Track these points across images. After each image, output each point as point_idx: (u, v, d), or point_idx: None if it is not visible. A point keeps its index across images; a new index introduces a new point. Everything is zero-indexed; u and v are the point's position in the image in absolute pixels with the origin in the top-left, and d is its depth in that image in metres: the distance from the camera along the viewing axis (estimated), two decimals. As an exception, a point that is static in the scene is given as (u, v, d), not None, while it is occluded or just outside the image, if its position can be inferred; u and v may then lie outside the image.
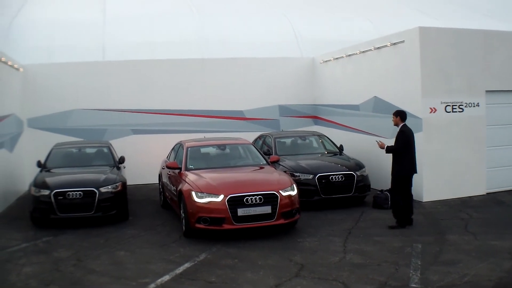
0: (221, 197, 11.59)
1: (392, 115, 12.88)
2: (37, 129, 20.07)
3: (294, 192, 12.24)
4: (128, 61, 20.93)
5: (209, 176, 12.60)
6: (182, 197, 12.32)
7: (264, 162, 14.10)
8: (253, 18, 25.68)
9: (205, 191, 11.83)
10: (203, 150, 14.87)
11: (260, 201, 11.60)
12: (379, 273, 9.21)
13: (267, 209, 11.66)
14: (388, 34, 17.15)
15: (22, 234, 12.88)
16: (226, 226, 11.58)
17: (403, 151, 12.44)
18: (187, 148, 14.26)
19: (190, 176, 12.77)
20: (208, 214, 11.59)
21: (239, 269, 9.73)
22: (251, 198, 11.57)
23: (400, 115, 12.72)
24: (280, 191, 11.91)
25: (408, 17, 25.88)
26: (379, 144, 12.89)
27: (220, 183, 12.19)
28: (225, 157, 14.72)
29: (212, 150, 15.04)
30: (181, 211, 12.49)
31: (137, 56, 21.35)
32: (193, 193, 11.89)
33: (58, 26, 23.06)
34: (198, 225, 11.73)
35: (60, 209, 13.10)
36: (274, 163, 14.44)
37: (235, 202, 11.53)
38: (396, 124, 12.77)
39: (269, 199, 11.71)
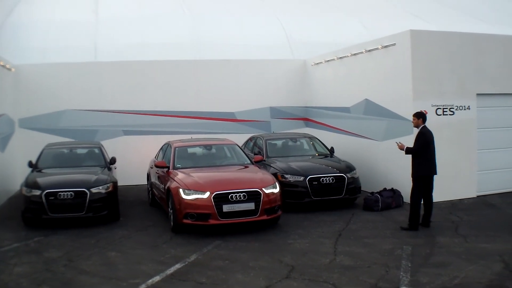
0: (207, 194, 12.24)
1: (412, 117, 12.76)
2: (28, 129, 20.03)
3: (276, 190, 12.90)
4: (120, 62, 20.91)
5: (196, 175, 13.23)
6: (170, 194, 12.91)
7: (249, 161, 14.79)
8: (245, 21, 25.72)
9: (192, 189, 12.45)
10: (190, 150, 15.54)
11: (244, 198, 12.28)
12: (370, 275, 9.25)
13: (250, 206, 12.33)
14: (379, 37, 17.19)
15: (13, 234, 12.86)
16: (212, 222, 12.21)
17: (422, 152, 12.38)
18: (175, 148, 14.87)
19: (178, 175, 13.35)
20: (195, 210, 12.23)
21: (229, 270, 9.75)
22: (236, 195, 12.24)
23: (422, 117, 12.64)
24: (263, 188, 12.57)
25: (400, 19, 25.92)
26: (398, 146, 12.77)
27: (206, 181, 12.85)
28: (211, 156, 15.56)
29: (198, 150, 15.78)
30: (169, 208, 13.04)
31: (129, 57, 21.36)
32: (181, 190, 12.49)
33: (50, 26, 23.08)
34: (185, 221, 12.32)
35: (51, 209, 13.08)
36: (258, 163, 15.05)
37: (221, 199, 12.20)
38: (416, 126, 12.70)
39: (253, 196, 12.37)
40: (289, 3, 28.63)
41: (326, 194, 15.00)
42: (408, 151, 12.58)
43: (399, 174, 12.57)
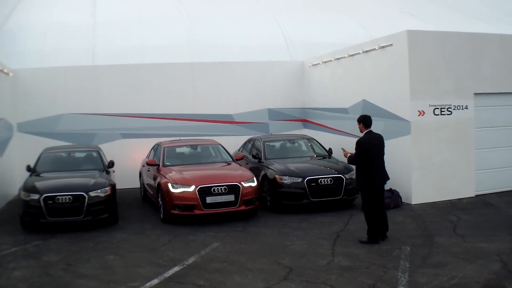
0: (193, 187, 13.82)
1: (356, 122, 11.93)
2: (27, 133, 20.01)
3: (254, 184, 14.49)
4: (118, 65, 20.87)
5: (183, 171, 14.80)
6: (160, 189, 14.48)
7: (230, 159, 16.39)
8: (243, 22, 25.73)
9: (179, 183, 14.03)
10: (178, 149, 17.00)
11: (225, 190, 13.92)
12: (368, 276, 9.26)
13: (231, 198, 13.97)
14: (376, 38, 17.19)
15: (12, 238, 12.87)
16: (197, 212, 13.85)
17: (361, 162, 11.45)
18: (164, 148, 16.42)
19: (167, 171, 14.92)
20: (182, 202, 13.82)
21: (227, 273, 9.77)
22: (218, 188, 13.87)
23: (363, 122, 11.62)
24: (242, 182, 14.18)
25: (398, 20, 25.96)
26: (343, 153, 12.03)
27: (192, 176, 14.40)
28: (196, 155, 17.03)
29: (185, 150, 17.28)
30: (160, 201, 14.56)
31: (127, 60, 21.32)
32: (169, 184, 14.05)
33: (48, 30, 23.09)
34: (173, 211, 13.92)
35: (50, 213, 13.09)
36: (239, 160, 16.38)
37: (204, 192, 13.80)
38: (361, 132, 11.70)
39: (233, 189, 14.01)
40: (286, 5, 28.66)
41: (324, 195, 15.01)
42: (349, 161, 11.87)
43: (397, 174, 12.53)
